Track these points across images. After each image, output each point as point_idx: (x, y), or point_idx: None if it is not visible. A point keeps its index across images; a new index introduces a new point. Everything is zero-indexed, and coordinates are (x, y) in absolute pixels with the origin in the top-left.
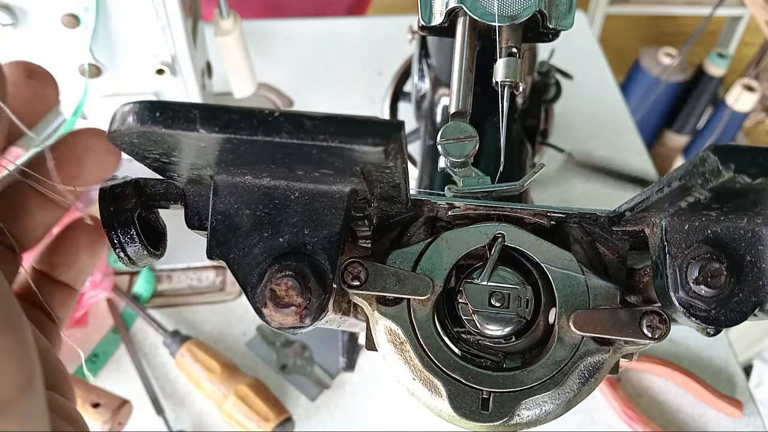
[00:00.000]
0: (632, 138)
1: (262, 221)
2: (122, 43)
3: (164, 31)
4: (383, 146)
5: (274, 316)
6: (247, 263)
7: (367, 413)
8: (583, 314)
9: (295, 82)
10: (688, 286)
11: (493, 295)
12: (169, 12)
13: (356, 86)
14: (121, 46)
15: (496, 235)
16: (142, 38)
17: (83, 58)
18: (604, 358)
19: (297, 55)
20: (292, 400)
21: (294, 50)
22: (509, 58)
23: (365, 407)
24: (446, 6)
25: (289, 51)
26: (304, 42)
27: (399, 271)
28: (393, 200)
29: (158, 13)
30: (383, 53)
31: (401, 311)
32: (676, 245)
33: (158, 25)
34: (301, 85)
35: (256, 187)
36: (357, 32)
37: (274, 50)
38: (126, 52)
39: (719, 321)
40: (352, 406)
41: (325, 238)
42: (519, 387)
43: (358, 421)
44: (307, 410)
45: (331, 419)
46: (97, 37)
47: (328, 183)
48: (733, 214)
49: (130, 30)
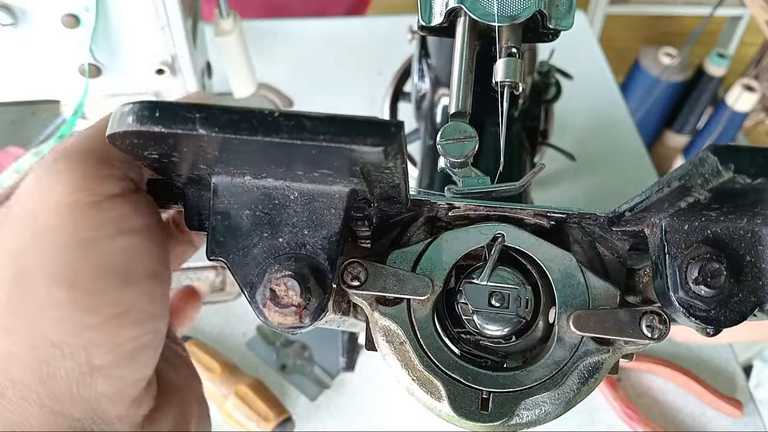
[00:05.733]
0: (632, 138)
1: (262, 221)
2: (122, 43)
3: (164, 31)
4: (383, 146)
5: (273, 316)
6: (246, 264)
7: (367, 413)
8: (583, 314)
9: (295, 82)
10: (688, 286)
11: (493, 295)
12: (169, 12)
13: (356, 86)
14: (121, 46)
15: (495, 235)
16: (142, 38)
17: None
18: (604, 358)
19: (297, 55)
20: (292, 400)
21: (294, 50)
22: (509, 58)
23: (365, 407)
24: (446, 6)
25: (289, 51)
26: (304, 42)
27: (399, 272)
28: (393, 200)
29: (158, 13)
30: (383, 53)
31: (401, 311)
32: (676, 245)
33: (158, 25)
34: (301, 85)
35: (256, 188)
36: (357, 32)
37: (274, 50)
38: (126, 52)
39: (719, 321)
40: (352, 406)
41: (324, 238)
42: (519, 387)
43: (358, 421)
44: (307, 410)
45: (331, 419)
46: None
47: (327, 183)
48: (732, 214)
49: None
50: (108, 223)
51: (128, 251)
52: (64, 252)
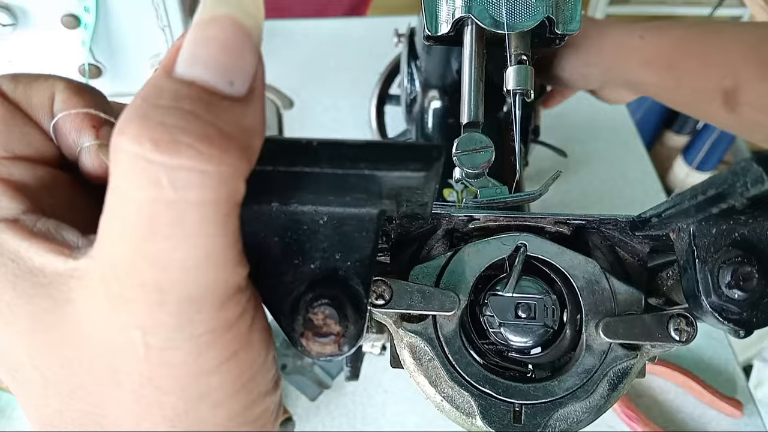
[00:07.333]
0: (632, 138)
1: (291, 248)
2: (122, 43)
3: (164, 31)
4: (425, 171)
5: (312, 346)
6: (279, 293)
7: (367, 413)
8: (612, 322)
9: (295, 82)
10: (720, 291)
11: (519, 307)
12: (169, 12)
13: (356, 86)
14: (121, 46)
15: (518, 245)
16: (142, 38)
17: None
18: (633, 363)
19: (297, 55)
20: (292, 400)
21: (294, 50)
22: (519, 65)
23: (365, 407)
24: (453, 16)
25: (289, 51)
26: (304, 42)
27: (424, 288)
28: (416, 217)
29: (158, 13)
30: (383, 53)
31: (427, 327)
32: (705, 249)
33: (158, 25)
34: (301, 85)
35: (284, 213)
36: (357, 32)
37: (274, 50)
38: (126, 52)
39: (751, 323)
40: (352, 406)
41: (357, 261)
42: (550, 398)
43: (358, 421)
44: (307, 410)
45: (331, 419)
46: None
47: (357, 206)
48: (762, 216)
49: (130, 30)
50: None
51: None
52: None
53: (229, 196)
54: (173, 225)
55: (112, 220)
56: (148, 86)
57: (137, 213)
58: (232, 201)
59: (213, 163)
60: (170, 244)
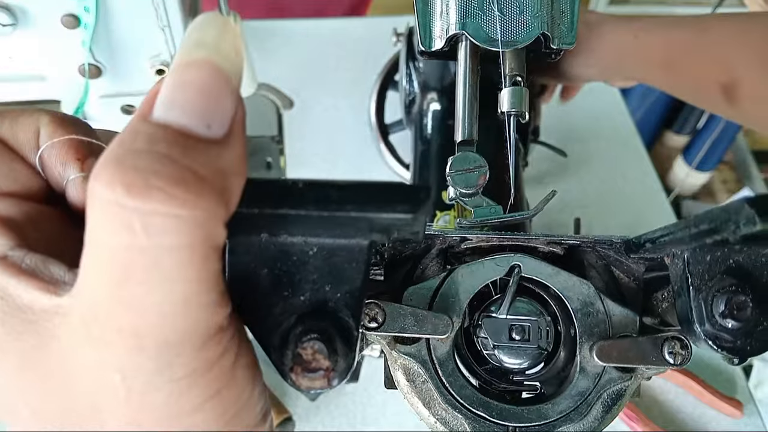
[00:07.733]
0: (632, 138)
1: (281, 279)
2: (122, 43)
3: (164, 31)
4: (413, 213)
5: (301, 381)
6: (267, 325)
7: (367, 413)
8: (605, 345)
9: (295, 82)
10: (714, 319)
11: (513, 329)
12: (169, 12)
13: (356, 86)
14: (121, 46)
15: (512, 266)
16: (142, 38)
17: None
18: (627, 385)
19: (297, 55)
20: (292, 400)
21: (294, 50)
22: (514, 87)
23: (365, 407)
24: (447, 32)
25: (289, 51)
26: (304, 42)
27: (417, 311)
28: (409, 241)
29: (158, 13)
30: (383, 53)
31: (421, 349)
32: (700, 277)
33: (158, 25)
34: (301, 85)
35: (273, 244)
36: (357, 32)
37: (274, 50)
38: (126, 52)
39: (745, 351)
40: (352, 406)
41: (347, 293)
42: (544, 420)
43: (358, 421)
44: (307, 410)
45: (331, 419)
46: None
47: (347, 237)
48: (756, 245)
49: (130, 30)
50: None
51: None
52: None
53: (205, 240)
54: (148, 270)
55: (89, 263)
56: (125, 131)
57: (111, 259)
58: (209, 245)
59: (187, 208)
60: (145, 290)
